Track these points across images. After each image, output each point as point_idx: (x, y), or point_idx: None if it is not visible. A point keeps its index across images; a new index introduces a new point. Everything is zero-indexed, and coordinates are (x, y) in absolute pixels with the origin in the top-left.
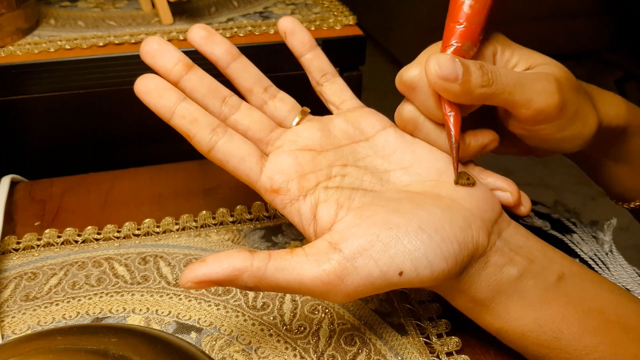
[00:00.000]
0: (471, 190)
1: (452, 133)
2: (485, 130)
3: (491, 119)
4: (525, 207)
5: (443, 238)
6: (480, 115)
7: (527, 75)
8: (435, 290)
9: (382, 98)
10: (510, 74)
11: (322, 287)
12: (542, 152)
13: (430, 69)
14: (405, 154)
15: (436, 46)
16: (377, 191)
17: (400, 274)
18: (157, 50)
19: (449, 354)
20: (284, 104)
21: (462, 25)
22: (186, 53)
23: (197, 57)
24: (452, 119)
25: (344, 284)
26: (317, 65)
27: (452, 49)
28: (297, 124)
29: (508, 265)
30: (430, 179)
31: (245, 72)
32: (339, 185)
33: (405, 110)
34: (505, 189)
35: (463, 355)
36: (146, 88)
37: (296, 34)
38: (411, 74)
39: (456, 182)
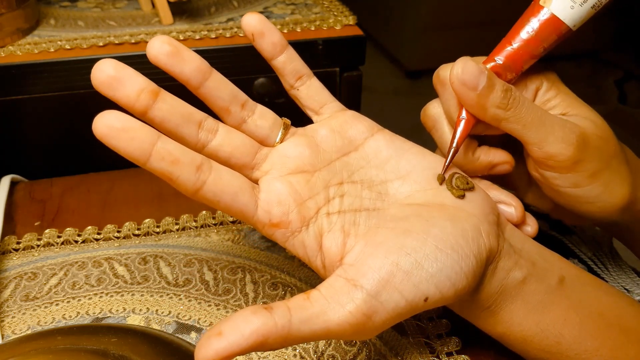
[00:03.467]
0: (472, 194)
1: (456, 137)
2: (500, 150)
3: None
4: (531, 227)
5: (460, 255)
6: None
7: (551, 118)
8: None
9: (382, 98)
10: (535, 109)
11: (351, 330)
12: (570, 217)
13: (454, 69)
14: (399, 162)
15: (480, 58)
16: (379, 209)
17: (426, 299)
18: (114, 78)
19: (449, 354)
20: (264, 120)
21: (512, 48)
22: None
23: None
24: (462, 124)
25: (372, 322)
26: (291, 69)
27: (492, 64)
28: (281, 140)
29: (514, 269)
30: (430, 187)
31: (220, 91)
32: (340, 209)
33: (431, 107)
34: (510, 203)
35: (463, 356)
36: (110, 129)
37: (266, 36)
38: (446, 71)
39: (440, 183)
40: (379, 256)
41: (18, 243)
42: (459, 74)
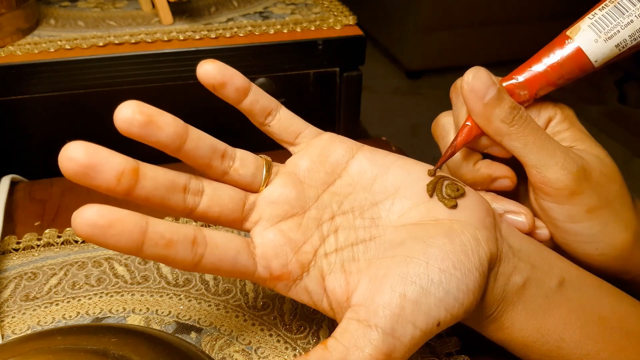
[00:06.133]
0: (465, 201)
1: (457, 139)
2: (502, 165)
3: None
4: (546, 229)
5: (464, 272)
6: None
7: (555, 144)
8: None
9: (382, 98)
10: (539, 132)
11: None
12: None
13: (465, 76)
14: (386, 179)
15: (498, 78)
16: (375, 237)
17: (438, 324)
18: (88, 166)
19: (448, 354)
20: (246, 167)
21: (531, 71)
22: (187, 53)
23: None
24: (465, 130)
25: (392, 359)
26: (259, 108)
27: (508, 82)
28: (265, 183)
29: (514, 274)
30: (422, 201)
31: (199, 149)
32: (336, 247)
33: (442, 117)
34: (519, 211)
35: (463, 355)
36: (94, 228)
37: (228, 84)
38: (460, 81)
39: (431, 195)
40: (386, 291)
41: (18, 243)
42: (469, 81)
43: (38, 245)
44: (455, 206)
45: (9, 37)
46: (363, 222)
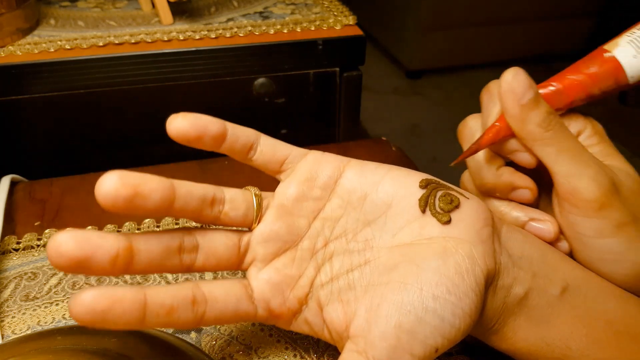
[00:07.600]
0: (459, 213)
1: (484, 137)
2: (525, 175)
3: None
4: (564, 243)
5: (459, 296)
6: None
7: (589, 154)
8: None
9: (382, 98)
10: (574, 141)
11: None
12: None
13: (505, 74)
14: (376, 198)
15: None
16: (370, 260)
17: (436, 350)
18: (80, 258)
19: (448, 354)
20: (236, 210)
21: (568, 79)
22: (187, 53)
23: None
24: (494, 129)
25: None
26: (239, 147)
27: (544, 90)
28: (258, 221)
29: (515, 285)
30: (414, 218)
31: (188, 205)
32: (332, 276)
33: (470, 119)
34: (543, 219)
35: (463, 355)
36: (94, 314)
37: (205, 137)
38: (496, 84)
39: (423, 211)
40: (381, 322)
41: (18, 243)
42: (509, 80)
43: (38, 245)
44: (449, 221)
45: (9, 37)
46: (357, 245)
